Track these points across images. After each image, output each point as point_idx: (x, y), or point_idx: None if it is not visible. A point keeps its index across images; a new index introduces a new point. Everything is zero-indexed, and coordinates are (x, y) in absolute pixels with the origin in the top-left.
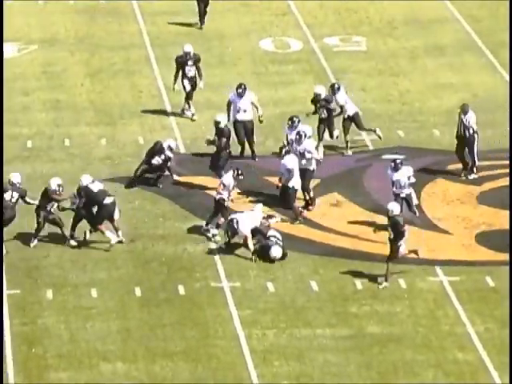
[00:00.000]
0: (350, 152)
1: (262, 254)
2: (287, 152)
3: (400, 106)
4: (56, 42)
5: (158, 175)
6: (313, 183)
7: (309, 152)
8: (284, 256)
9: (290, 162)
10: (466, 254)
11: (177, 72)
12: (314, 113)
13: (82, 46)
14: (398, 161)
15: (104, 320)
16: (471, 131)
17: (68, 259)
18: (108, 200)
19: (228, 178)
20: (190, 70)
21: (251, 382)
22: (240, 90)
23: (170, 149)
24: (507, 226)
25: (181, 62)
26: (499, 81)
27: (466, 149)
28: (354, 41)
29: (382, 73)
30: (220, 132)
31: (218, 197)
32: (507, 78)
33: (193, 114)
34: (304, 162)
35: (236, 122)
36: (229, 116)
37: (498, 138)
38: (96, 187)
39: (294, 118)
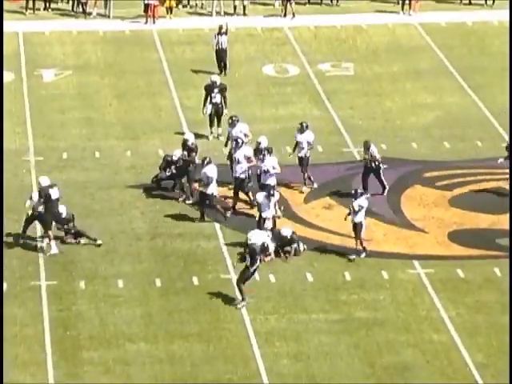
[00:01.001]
0: (305, 188)
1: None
2: (208, 162)
3: (383, 122)
4: (88, 68)
5: (174, 183)
6: (308, 189)
7: (273, 168)
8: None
9: (211, 171)
10: (440, 250)
11: (205, 98)
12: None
13: (110, 71)
14: (359, 191)
15: (129, 307)
16: (376, 163)
17: (98, 255)
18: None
19: (260, 196)
20: (215, 97)
21: (255, 360)
22: (230, 121)
23: (177, 159)
24: (475, 226)
25: (208, 90)
26: (469, 101)
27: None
28: (344, 66)
29: (368, 94)
30: (189, 149)
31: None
32: (475, 98)
33: (211, 133)
34: (267, 176)
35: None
36: (226, 144)
37: (468, 150)
38: (54, 193)
39: (239, 140)
